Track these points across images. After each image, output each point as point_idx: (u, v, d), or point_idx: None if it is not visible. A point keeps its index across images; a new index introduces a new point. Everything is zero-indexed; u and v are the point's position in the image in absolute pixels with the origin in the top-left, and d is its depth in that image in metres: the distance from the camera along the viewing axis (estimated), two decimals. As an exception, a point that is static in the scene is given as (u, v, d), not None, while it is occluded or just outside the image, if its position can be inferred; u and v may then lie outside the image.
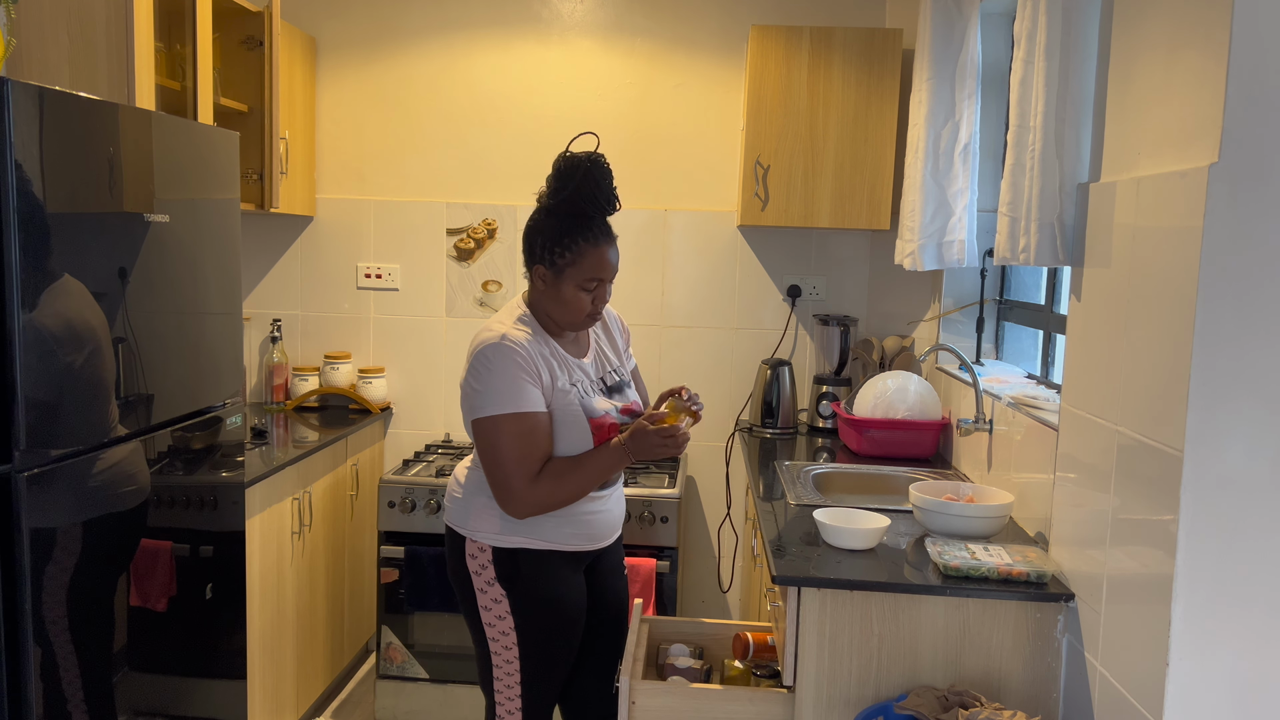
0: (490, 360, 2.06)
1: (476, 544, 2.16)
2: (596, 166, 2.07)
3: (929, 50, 2.88)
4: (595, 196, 2.07)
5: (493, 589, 2.15)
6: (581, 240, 2.08)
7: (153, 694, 2.19)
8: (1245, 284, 1.47)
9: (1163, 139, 1.66)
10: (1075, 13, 1.95)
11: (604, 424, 2.15)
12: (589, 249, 2.08)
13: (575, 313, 2.13)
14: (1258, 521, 1.50)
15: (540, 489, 2.07)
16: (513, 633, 2.15)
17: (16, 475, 1.75)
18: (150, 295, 2.12)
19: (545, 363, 2.11)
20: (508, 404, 2.04)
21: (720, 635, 2.46)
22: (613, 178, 2.10)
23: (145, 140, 2.10)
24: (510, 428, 2.04)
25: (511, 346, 2.06)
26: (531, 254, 2.13)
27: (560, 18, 3.69)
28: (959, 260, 2.83)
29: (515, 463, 2.04)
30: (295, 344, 3.86)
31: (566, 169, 2.07)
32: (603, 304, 2.16)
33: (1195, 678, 1.53)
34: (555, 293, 2.12)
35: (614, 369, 2.30)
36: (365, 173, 3.79)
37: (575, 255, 2.08)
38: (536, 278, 2.14)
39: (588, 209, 2.08)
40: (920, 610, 1.96)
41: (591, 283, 2.11)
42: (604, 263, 2.10)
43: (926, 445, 3.07)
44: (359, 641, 3.68)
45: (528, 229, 2.14)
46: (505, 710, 2.20)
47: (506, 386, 2.04)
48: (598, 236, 2.09)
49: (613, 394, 2.24)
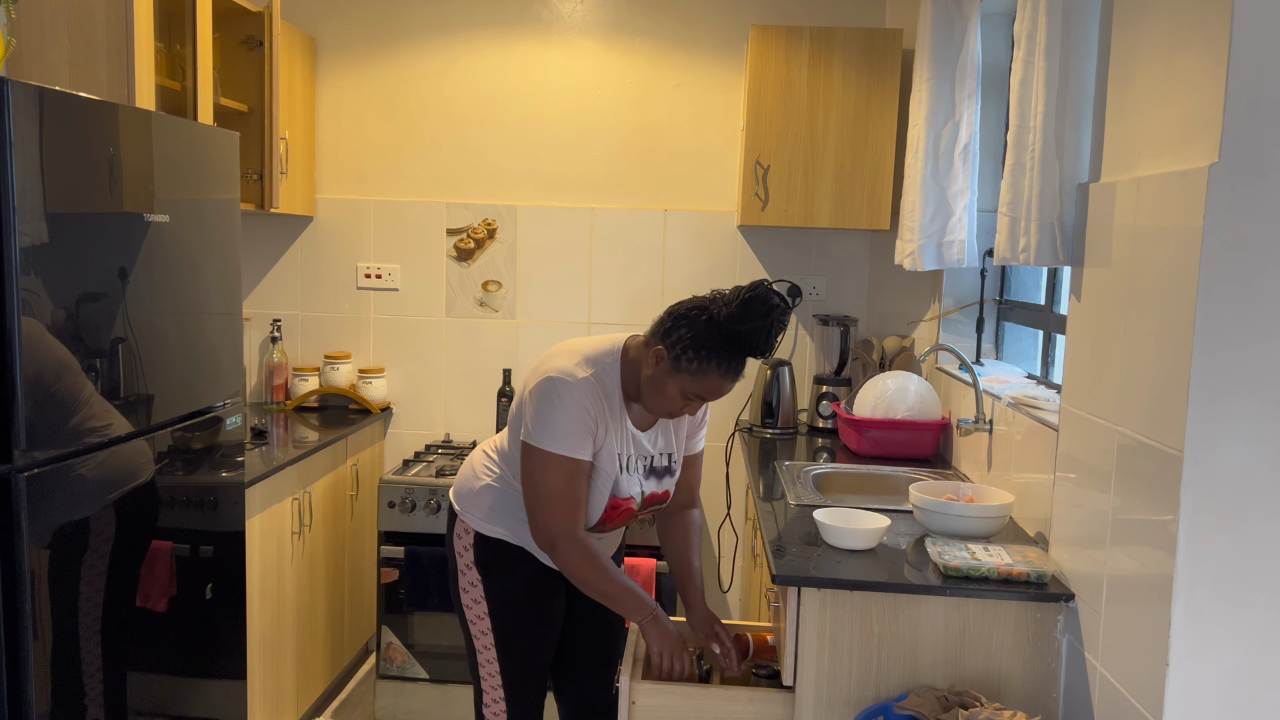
0: (557, 397, 2.02)
1: (464, 524, 2.20)
2: (780, 319, 1.95)
3: (929, 50, 2.88)
4: (760, 345, 1.96)
5: (471, 572, 2.19)
6: (717, 367, 1.98)
7: (153, 694, 2.19)
8: (1245, 284, 1.47)
9: (1163, 139, 1.66)
10: (1075, 13, 1.95)
11: (621, 505, 2.14)
12: (717, 377, 1.99)
13: (663, 407, 2.07)
14: (1258, 521, 1.50)
15: (573, 550, 2.05)
16: (487, 618, 2.19)
17: (16, 475, 1.75)
18: (150, 295, 2.12)
19: (604, 422, 2.07)
20: (561, 445, 2.02)
21: (720, 635, 2.45)
22: (786, 327, 1.98)
23: (145, 140, 2.09)
24: (558, 468, 2.03)
25: (581, 389, 2.02)
26: (665, 334, 2.01)
27: (560, 18, 3.69)
28: (959, 260, 2.83)
29: (557, 502, 2.04)
30: (295, 344, 3.86)
31: (760, 307, 1.93)
32: (693, 413, 2.14)
33: (1195, 678, 1.53)
34: (658, 381, 2.03)
35: (667, 453, 2.21)
36: (365, 173, 3.79)
37: (700, 371, 1.98)
38: (652, 354, 2.03)
39: (744, 348, 1.98)
40: (920, 610, 1.95)
41: (696, 398, 2.04)
42: (719, 391, 2.03)
43: (926, 445, 3.06)
44: (359, 641, 3.68)
45: (681, 314, 2.01)
46: (491, 698, 2.22)
47: (565, 428, 2.02)
48: (732, 371, 2.00)
49: (649, 476, 2.19)
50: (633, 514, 2.18)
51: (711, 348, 1.97)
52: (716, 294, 2.02)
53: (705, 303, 2.01)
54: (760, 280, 1.98)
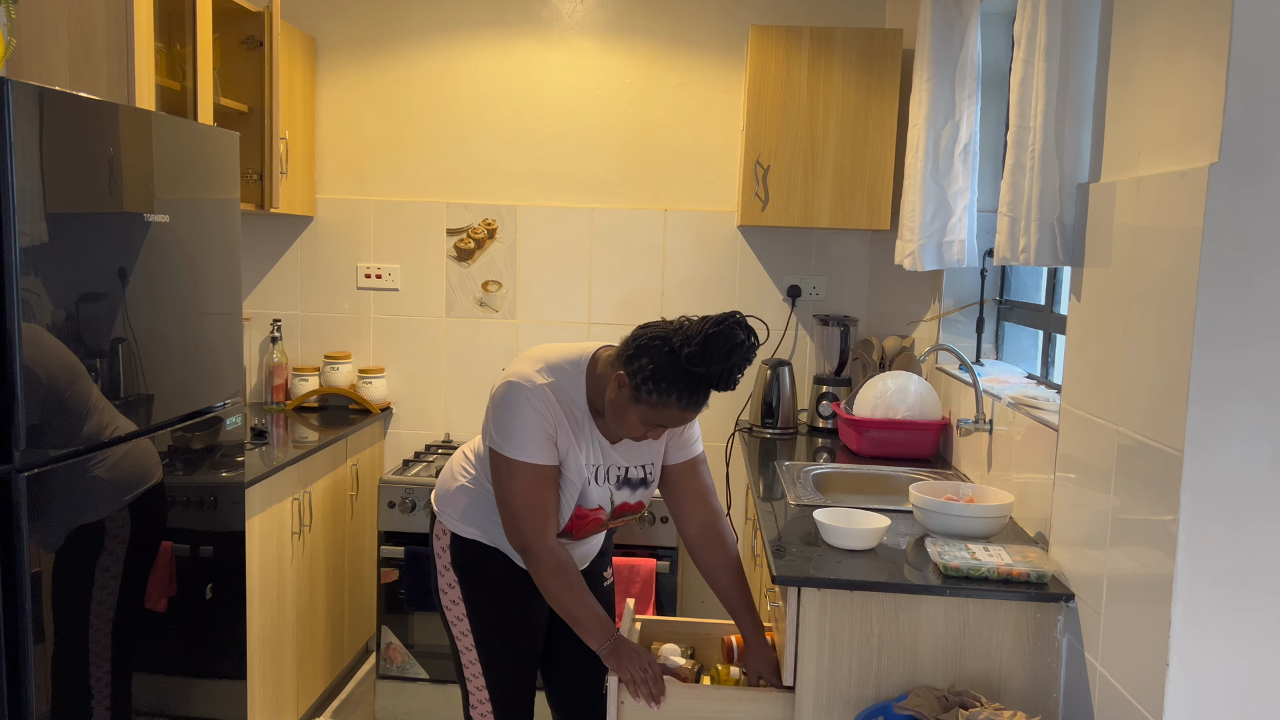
0: (514, 403, 2.00)
1: (441, 525, 2.21)
2: (746, 354, 1.90)
3: (929, 50, 2.88)
4: (722, 380, 1.90)
5: (449, 573, 2.20)
6: (677, 401, 1.93)
7: (153, 694, 2.19)
8: (1245, 284, 1.47)
9: (1163, 139, 1.66)
10: (1075, 13, 1.95)
11: (588, 515, 2.11)
12: (677, 410, 1.95)
13: (624, 431, 2.03)
14: (1258, 521, 1.50)
15: (545, 559, 2.02)
16: (466, 619, 2.19)
17: (16, 475, 1.75)
18: (150, 295, 2.12)
19: (564, 431, 2.04)
20: (522, 451, 2.01)
21: (713, 635, 2.45)
22: (750, 363, 1.93)
23: (145, 140, 2.09)
24: (522, 474, 2.02)
25: (541, 397, 2.00)
26: (627, 361, 1.95)
27: (560, 18, 3.69)
28: (959, 260, 2.83)
29: (525, 509, 2.03)
30: (295, 344, 3.86)
31: (723, 345, 1.87)
32: (655, 439, 2.07)
33: (1195, 678, 1.53)
34: (619, 406, 1.99)
35: (642, 464, 2.16)
36: (365, 173, 3.79)
37: (660, 404, 1.93)
38: (615, 379, 1.98)
39: (704, 384, 1.93)
40: (920, 610, 1.95)
41: (656, 428, 2.01)
42: (680, 421, 1.99)
43: (926, 445, 3.06)
44: (359, 642, 3.68)
45: (644, 342, 1.94)
46: (477, 699, 2.22)
47: (524, 434, 2.00)
48: (694, 405, 1.95)
49: (622, 486, 2.14)
50: (601, 524, 2.15)
51: (672, 381, 1.90)
52: (684, 321, 1.95)
53: (670, 331, 1.94)
54: (729, 314, 1.90)
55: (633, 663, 2.01)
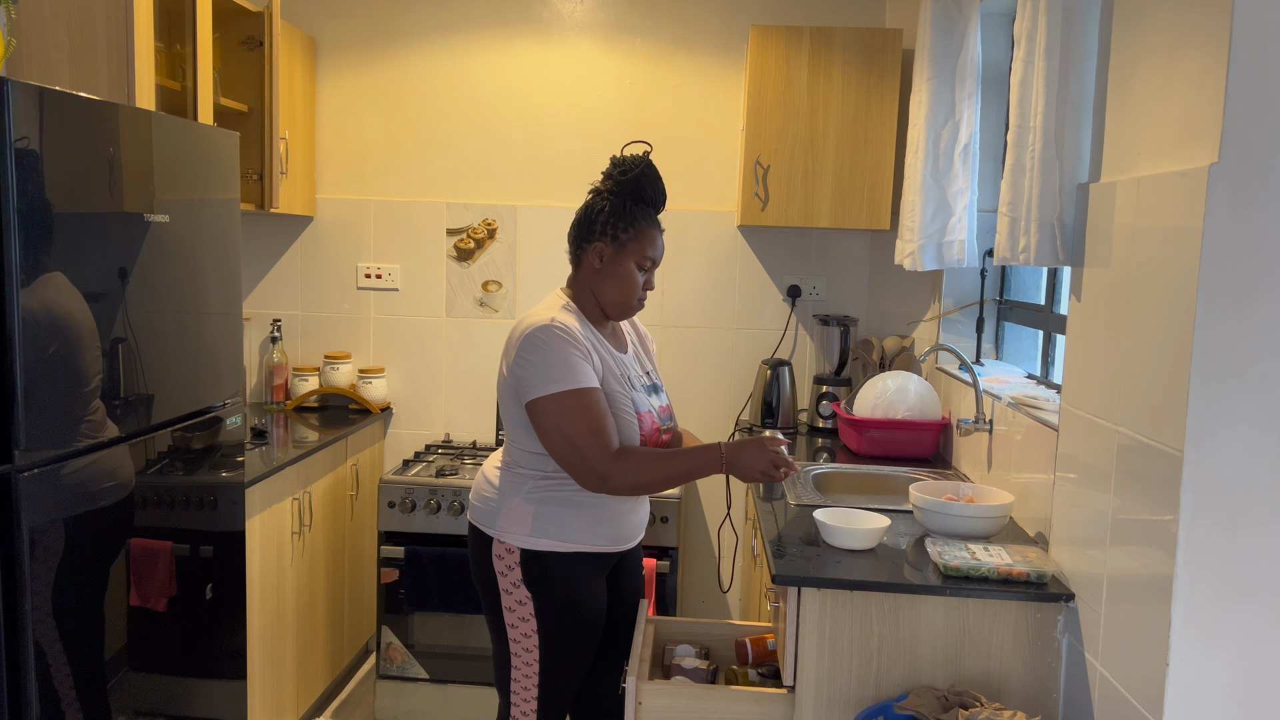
0: (542, 341, 2.06)
1: (504, 545, 2.14)
2: (652, 166, 2.19)
3: (929, 50, 2.88)
4: (656, 186, 2.19)
5: (518, 590, 2.15)
6: (643, 220, 2.18)
7: (153, 694, 2.19)
8: (1245, 284, 1.47)
9: (1163, 139, 1.66)
10: (1075, 13, 1.95)
11: (647, 421, 2.18)
12: (648, 229, 2.18)
13: (629, 291, 2.18)
14: (1258, 522, 1.50)
15: (623, 465, 2.05)
16: (535, 635, 2.15)
17: (17, 475, 1.75)
18: (150, 295, 2.12)
19: (593, 346, 2.13)
20: (566, 381, 2.03)
21: (726, 636, 2.46)
22: (657, 178, 2.21)
23: (145, 140, 2.10)
24: (573, 403, 2.03)
25: (562, 328, 2.08)
26: (590, 232, 2.18)
27: (560, 18, 3.69)
28: (959, 260, 2.83)
29: (587, 436, 2.02)
30: (295, 344, 3.86)
31: (629, 159, 2.18)
32: (649, 290, 2.23)
33: (1195, 678, 1.53)
34: (614, 269, 2.17)
35: (649, 370, 2.34)
36: (365, 173, 3.79)
37: (638, 232, 2.16)
38: (593, 255, 2.18)
39: (648, 196, 2.18)
40: (920, 610, 1.95)
41: (647, 262, 2.19)
42: (659, 245, 2.21)
43: (926, 445, 3.06)
44: (359, 641, 3.68)
45: (586, 209, 2.20)
46: (520, 711, 2.20)
47: (562, 364, 2.04)
48: (655, 221, 2.21)
49: (650, 394, 2.26)
50: (658, 432, 2.22)
51: (627, 208, 2.16)
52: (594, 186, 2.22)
53: (594, 194, 2.21)
54: (616, 155, 2.20)
55: (755, 465, 2.07)
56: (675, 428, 2.36)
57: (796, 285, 3.69)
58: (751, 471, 2.07)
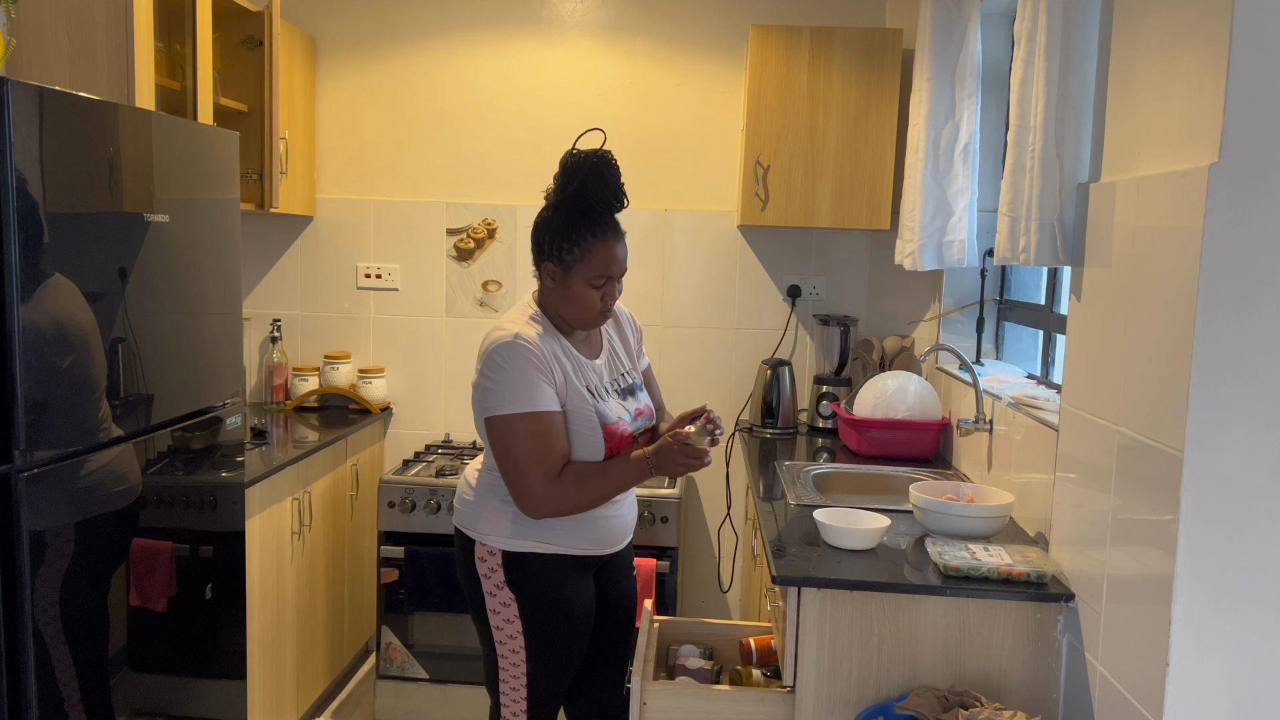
0: (504, 359, 2.04)
1: (486, 547, 2.15)
2: (603, 162, 2.06)
3: (929, 50, 2.88)
4: (602, 192, 2.05)
5: (502, 592, 2.15)
6: (589, 236, 2.07)
7: (153, 694, 2.19)
8: (1245, 284, 1.47)
9: (1163, 139, 1.66)
10: (1075, 13, 1.95)
11: (616, 430, 2.14)
12: (597, 245, 2.07)
13: (585, 310, 2.12)
14: (1258, 521, 1.50)
15: (560, 491, 2.05)
16: (520, 636, 2.15)
17: (17, 475, 1.75)
18: (150, 295, 2.12)
19: (559, 362, 2.09)
20: (522, 403, 2.02)
21: (730, 636, 2.46)
22: (620, 174, 2.09)
23: (145, 140, 2.09)
24: (525, 427, 2.02)
25: (525, 345, 2.05)
26: (540, 251, 2.12)
27: (560, 18, 3.69)
28: (959, 260, 2.83)
29: (532, 463, 2.02)
30: (295, 344, 3.86)
31: (572, 165, 2.06)
32: (612, 301, 2.15)
33: (1195, 678, 1.53)
34: (565, 290, 2.11)
35: (626, 371, 2.28)
36: (365, 173, 3.79)
37: (583, 251, 2.07)
38: (546, 275, 2.13)
39: (594, 205, 2.07)
40: (920, 610, 1.95)
41: (600, 279, 2.10)
42: (612, 259, 2.09)
43: (926, 445, 3.06)
44: (359, 641, 3.68)
45: (536, 226, 2.13)
46: (510, 713, 2.19)
47: (521, 385, 2.03)
48: (605, 233, 2.08)
49: (625, 396, 2.23)
50: (631, 436, 2.18)
51: (571, 227, 2.07)
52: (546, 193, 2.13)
53: (543, 208, 2.13)
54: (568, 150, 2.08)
55: (674, 462, 2.05)
56: (657, 426, 2.32)
57: (796, 285, 3.69)
58: (674, 468, 2.07)
